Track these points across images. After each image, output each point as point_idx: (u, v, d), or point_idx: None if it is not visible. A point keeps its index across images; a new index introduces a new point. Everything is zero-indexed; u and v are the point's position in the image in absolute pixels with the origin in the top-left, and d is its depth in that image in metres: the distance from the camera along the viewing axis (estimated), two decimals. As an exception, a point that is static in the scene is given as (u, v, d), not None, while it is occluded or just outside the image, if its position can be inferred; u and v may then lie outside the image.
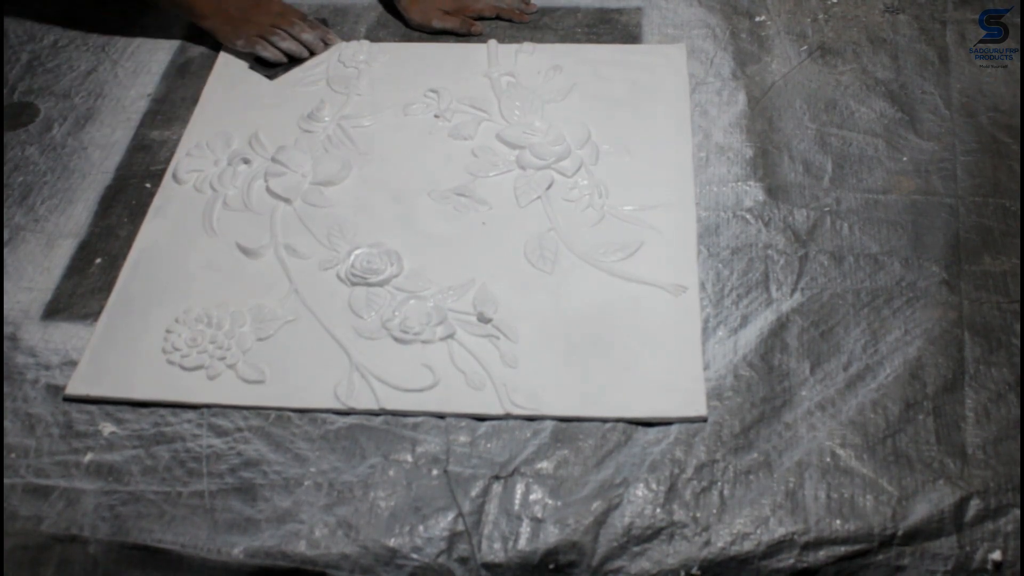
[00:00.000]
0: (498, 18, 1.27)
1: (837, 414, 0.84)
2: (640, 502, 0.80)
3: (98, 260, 1.00)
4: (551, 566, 0.78)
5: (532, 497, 0.80)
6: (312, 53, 1.22)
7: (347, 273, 0.96)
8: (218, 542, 0.78)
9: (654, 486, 0.81)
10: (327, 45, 1.23)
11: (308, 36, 1.21)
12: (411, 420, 0.86)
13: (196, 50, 1.24)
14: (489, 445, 0.84)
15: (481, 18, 1.27)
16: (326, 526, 0.79)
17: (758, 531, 0.78)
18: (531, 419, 0.85)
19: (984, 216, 0.99)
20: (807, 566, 0.77)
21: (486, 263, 0.97)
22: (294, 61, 1.21)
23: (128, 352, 0.91)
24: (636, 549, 0.78)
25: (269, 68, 1.20)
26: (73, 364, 0.90)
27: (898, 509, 0.79)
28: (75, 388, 0.88)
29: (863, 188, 1.02)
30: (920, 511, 0.78)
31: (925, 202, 1.01)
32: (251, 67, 1.20)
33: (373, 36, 1.26)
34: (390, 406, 0.86)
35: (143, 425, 0.86)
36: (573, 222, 1.00)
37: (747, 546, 0.78)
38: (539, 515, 0.79)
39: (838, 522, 0.78)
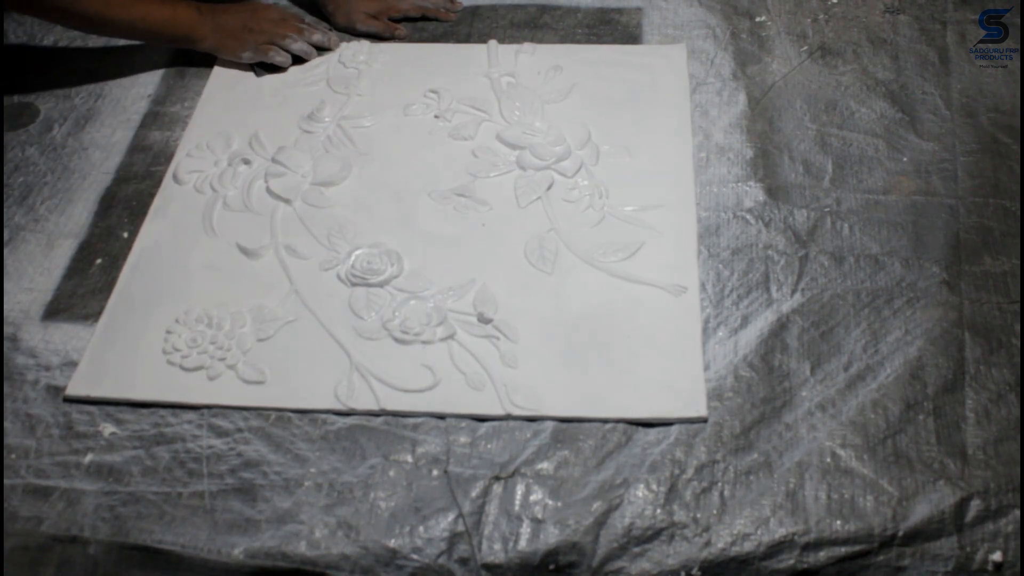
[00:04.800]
0: (424, 18, 1.26)
1: (837, 414, 0.84)
2: (640, 503, 0.80)
3: (98, 260, 1.00)
4: (551, 567, 0.78)
5: (532, 498, 0.80)
6: (320, 53, 1.22)
7: (347, 273, 0.96)
8: (218, 543, 0.78)
9: (654, 487, 0.81)
10: (333, 44, 1.22)
11: (318, 37, 1.21)
12: (411, 421, 0.86)
13: (196, 51, 1.24)
14: (489, 446, 0.84)
15: (407, 19, 1.26)
16: (326, 527, 0.79)
17: (758, 532, 0.78)
18: (531, 419, 0.85)
19: (984, 217, 0.99)
20: (807, 567, 0.77)
21: (486, 263, 0.97)
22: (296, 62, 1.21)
23: (128, 353, 0.91)
24: (636, 550, 0.78)
25: (266, 68, 1.20)
26: (73, 365, 0.90)
27: (898, 510, 0.78)
28: (75, 389, 0.88)
29: (863, 189, 1.02)
30: (920, 512, 0.78)
31: (925, 203, 1.01)
32: (254, 69, 1.20)
33: (373, 36, 1.26)
34: (390, 406, 0.86)
35: (143, 426, 0.86)
36: (573, 222, 1.00)
37: (747, 547, 0.77)
38: (539, 516, 0.79)
39: (838, 523, 0.78)
